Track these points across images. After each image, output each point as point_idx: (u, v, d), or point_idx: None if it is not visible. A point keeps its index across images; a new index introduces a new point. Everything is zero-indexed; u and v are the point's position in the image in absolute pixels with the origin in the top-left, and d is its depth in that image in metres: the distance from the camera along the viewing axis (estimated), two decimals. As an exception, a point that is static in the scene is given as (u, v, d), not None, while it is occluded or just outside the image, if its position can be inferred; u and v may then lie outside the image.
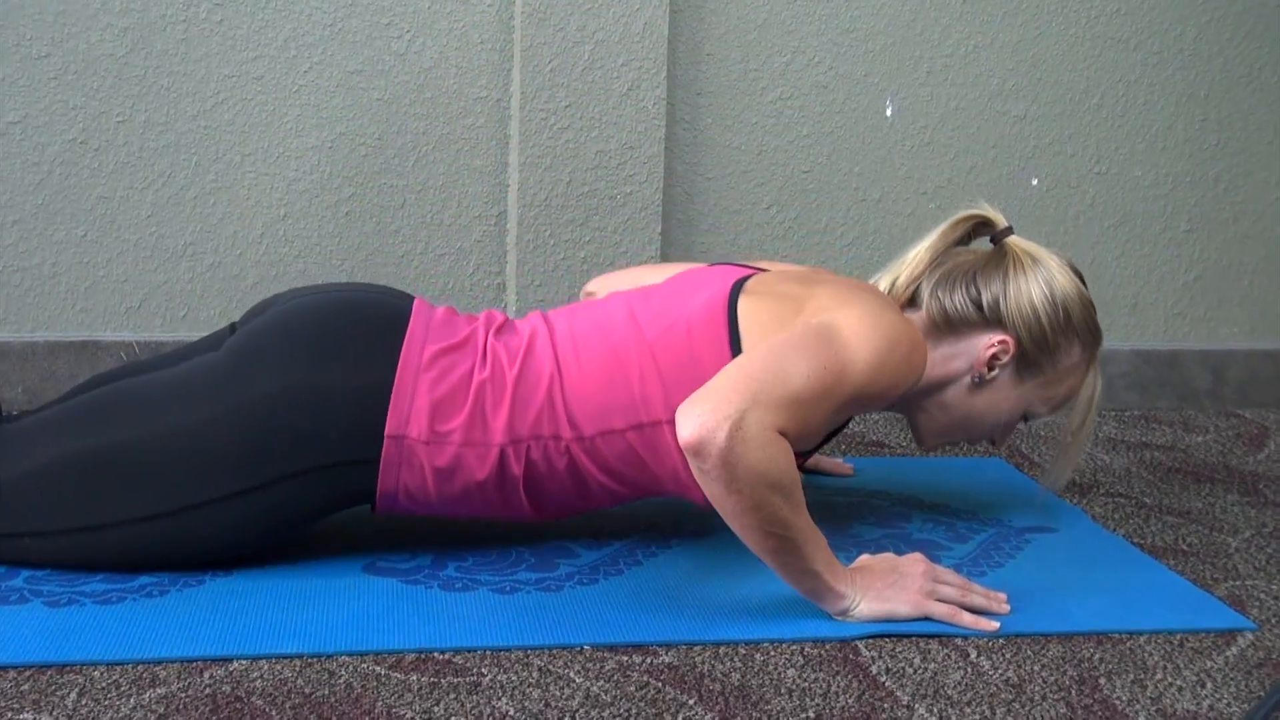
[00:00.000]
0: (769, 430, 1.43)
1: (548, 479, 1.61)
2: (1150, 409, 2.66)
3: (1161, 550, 1.84)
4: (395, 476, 1.57)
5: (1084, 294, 1.71)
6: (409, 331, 1.60)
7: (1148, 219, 2.65)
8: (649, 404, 1.58)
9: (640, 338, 1.61)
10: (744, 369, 1.46)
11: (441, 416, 1.57)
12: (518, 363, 1.60)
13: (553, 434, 1.59)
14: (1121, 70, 2.59)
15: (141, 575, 1.58)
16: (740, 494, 1.43)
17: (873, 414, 2.51)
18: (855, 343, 1.52)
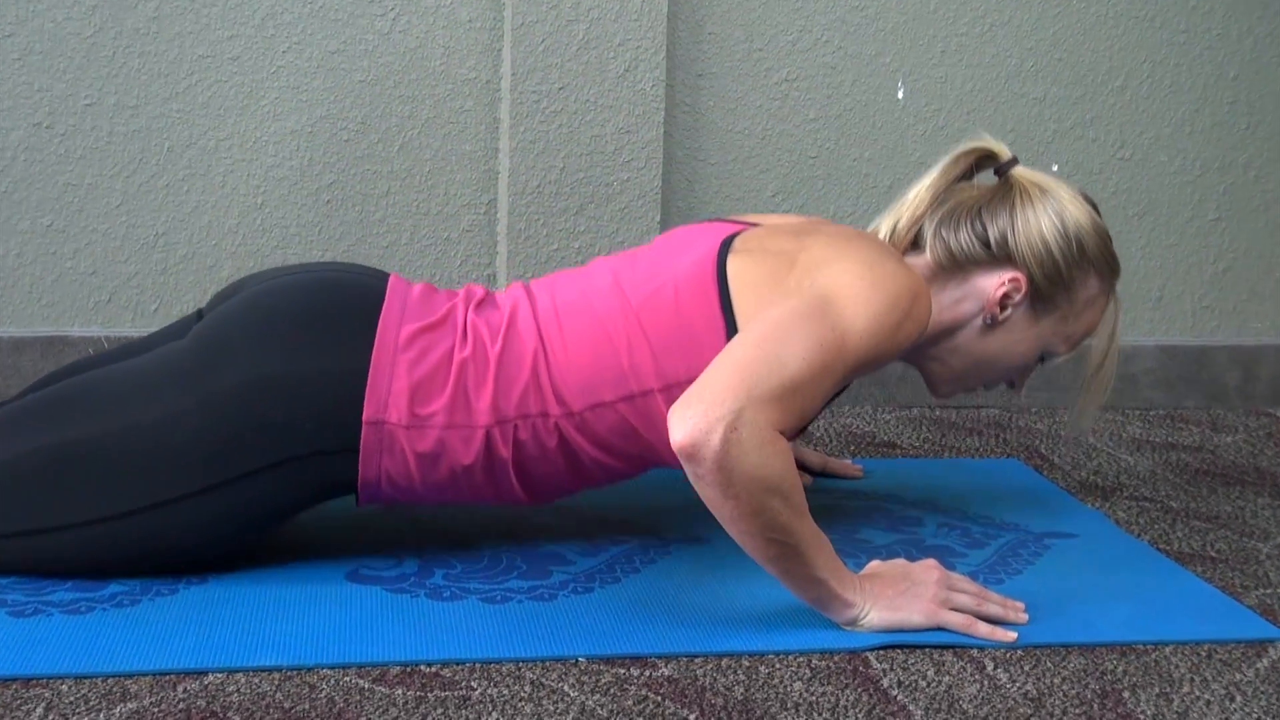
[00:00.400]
0: (766, 430, 1.43)
1: (538, 460, 1.62)
2: (1177, 408, 2.66)
3: (1188, 556, 1.84)
4: (376, 464, 1.58)
5: (1098, 223, 1.70)
6: (384, 311, 1.60)
7: (1174, 207, 2.65)
8: (639, 373, 1.59)
9: (626, 305, 1.61)
10: (736, 361, 1.45)
11: (422, 399, 1.57)
12: (500, 339, 1.60)
13: (540, 412, 1.59)
14: (1147, 50, 2.60)
15: (112, 583, 1.58)
16: (737, 499, 1.43)
17: (884, 411, 2.51)
18: (852, 309, 1.52)
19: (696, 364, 1.56)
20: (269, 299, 1.61)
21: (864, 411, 2.52)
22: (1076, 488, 2.12)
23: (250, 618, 1.51)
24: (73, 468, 1.53)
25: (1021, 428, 2.46)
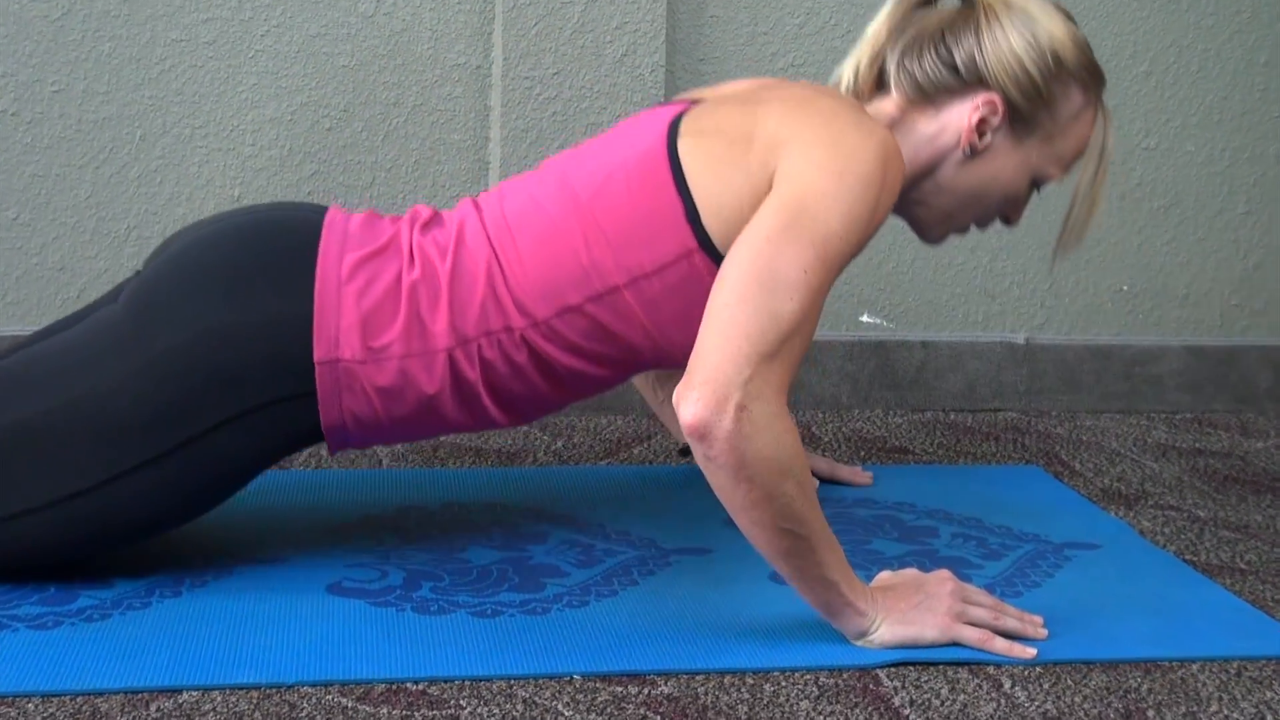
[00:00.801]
0: (776, 402, 1.43)
1: (510, 378, 1.62)
2: (1205, 411, 2.67)
3: (1217, 568, 1.84)
4: (337, 406, 1.58)
5: (1074, 32, 1.68)
6: (322, 243, 1.60)
7: (1202, 200, 2.66)
8: (601, 270, 1.58)
9: (576, 202, 1.60)
10: (730, 325, 1.44)
11: (374, 330, 1.57)
12: (449, 256, 1.60)
13: (504, 326, 1.59)
14: (1173, 34, 2.60)
15: (81, 596, 1.58)
16: (750, 483, 1.43)
17: (895, 414, 2.52)
18: (825, 211, 1.49)
19: (659, 252, 1.57)
20: (199, 250, 1.61)
21: (874, 415, 2.53)
22: (1099, 496, 2.12)
23: (226, 632, 1.52)
24: (16, 453, 1.53)
25: (1041, 432, 2.46)
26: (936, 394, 2.58)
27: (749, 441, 1.41)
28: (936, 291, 2.59)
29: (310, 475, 2.05)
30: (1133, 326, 2.66)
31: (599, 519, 1.90)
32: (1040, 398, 2.62)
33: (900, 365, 2.56)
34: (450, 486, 2.01)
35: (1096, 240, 2.62)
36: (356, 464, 2.12)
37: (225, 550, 1.73)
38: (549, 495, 1.99)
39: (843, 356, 2.54)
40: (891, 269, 2.56)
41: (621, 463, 2.20)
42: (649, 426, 2.38)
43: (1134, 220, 2.63)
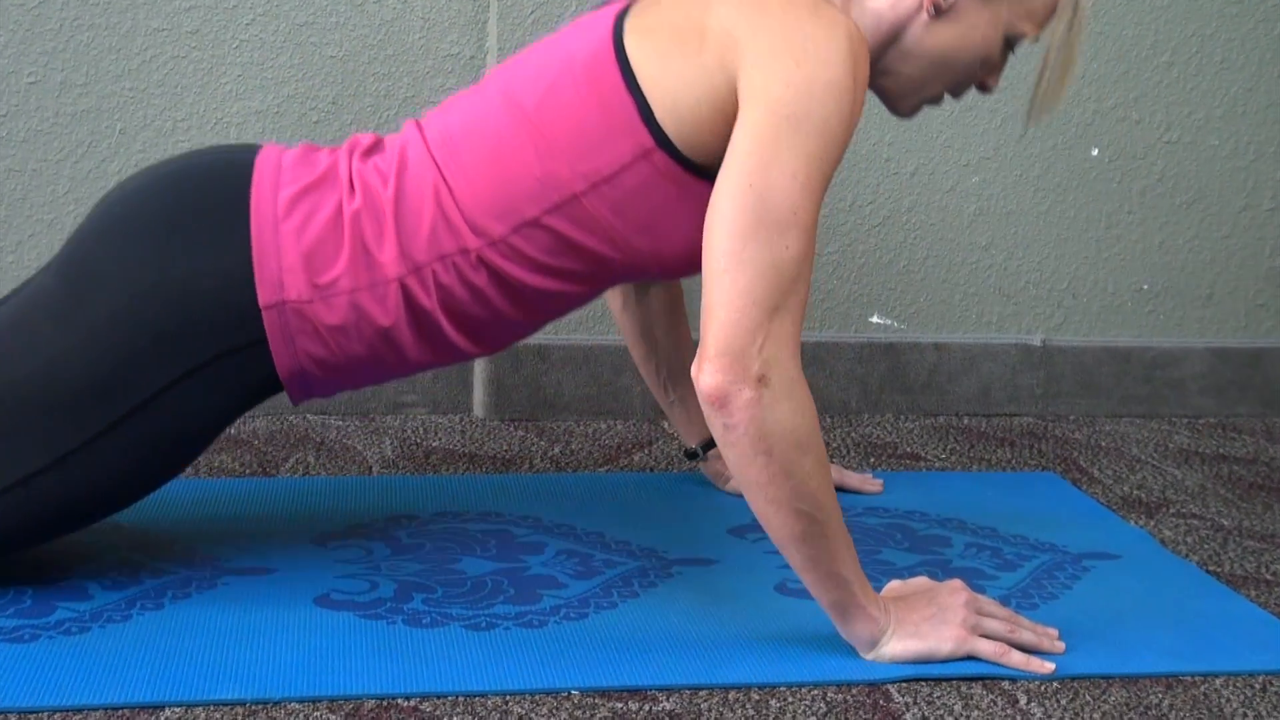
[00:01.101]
0: (792, 365, 1.46)
1: (471, 303, 1.61)
2: (1229, 416, 2.67)
3: (1241, 580, 1.84)
4: (291, 351, 1.58)
5: None
6: (255, 181, 1.59)
7: (1226, 195, 2.66)
8: (557, 181, 1.57)
9: (521, 114, 1.59)
10: (737, 292, 1.45)
11: (319, 266, 1.57)
12: (392, 182, 1.59)
13: (458, 249, 1.59)
14: (1195, 23, 2.60)
15: (59, 608, 1.58)
16: (769, 454, 1.44)
17: (906, 419, 2.52)
18: (803, 138, 1.48)
19: (615, 155, 1.56)
20: (126, 205, 1.61)
21: (884, 420, 2.53)
22: (1118, 504, 2.12)
23: (210, 646, 1.52)
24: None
25: (1058, 438, 2.46)
26: (949, 398, 2.58)
27: (769, 410, 1.44)
28: (949, 291, 2.59)
29: (298, 483, 2.05)
30: (1154, 327, 2.66)
31: (598, 528, 1.90)
32: (1057, 402, 2.62)
33: (912, 368, 2.57)
34: (443, 494, 2.01)
35: (1116, 238, 2.62)
36: (346, 471, 2.12)
37: (209, 561, 1.73)
38: (546, 503, 1.99)
39: (852, 359, 2.54)
40: (903, 267, 2.57)
41: (621, 469, 2.20)
42: (650, 432, 2.38)
43: (1155, 217, 2.64)
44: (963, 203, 2.57)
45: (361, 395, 2.40)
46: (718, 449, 2.03)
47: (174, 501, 1.92)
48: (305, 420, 2.36)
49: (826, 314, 2.55)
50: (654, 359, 2.03)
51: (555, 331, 2.42)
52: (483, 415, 2.44)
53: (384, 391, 2.41)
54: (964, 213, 2.58)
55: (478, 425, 2.39)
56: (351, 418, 2.39)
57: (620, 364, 2.44)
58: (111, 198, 1.64)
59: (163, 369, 1.55)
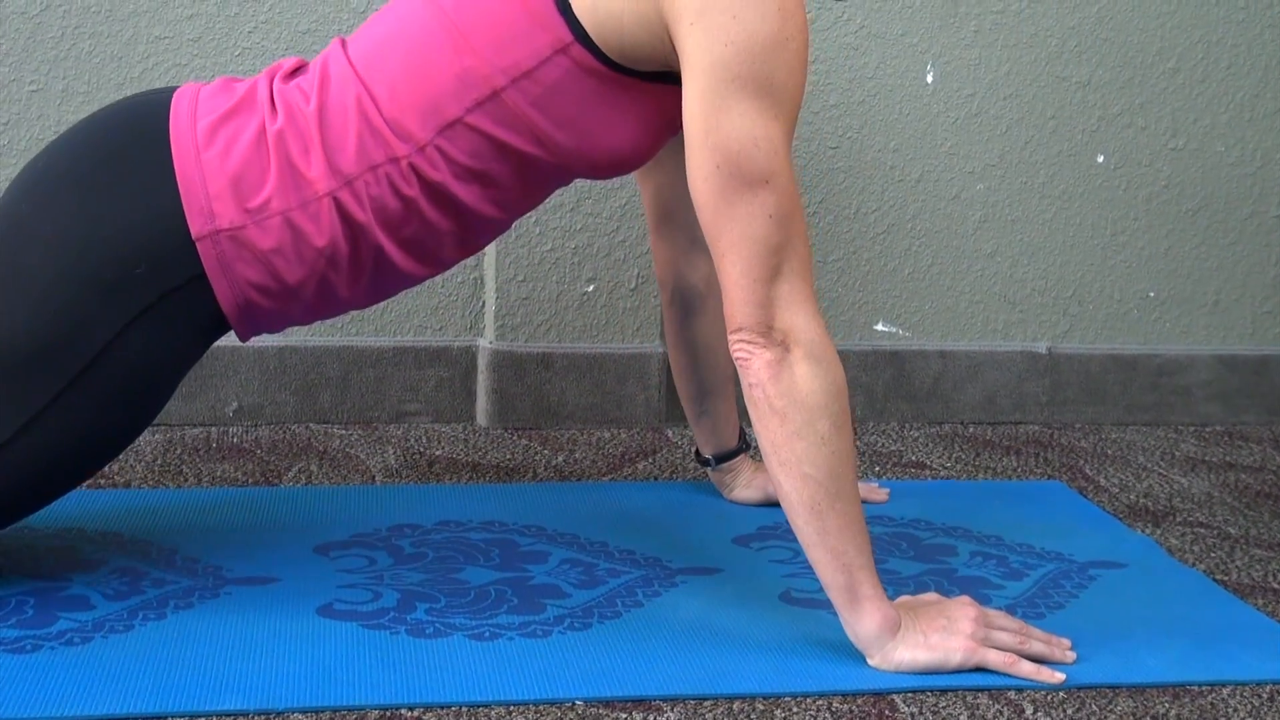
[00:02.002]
0: (811, 322, 1.51)
1: (406, 216, 1.61)
2: (1236, 424, 2.67)
3: (1248, 588, 1.84)
4: (230, 281, 1.58)
5: None
6: (172, 116, 1.59)
7: (1232, 202, 2.66)
8: (476, 77, 1.57)
9: (440, 11, 1.59)
10: (736, 272, 1.50)
11: (248, 190, 1.57)
12: (314, 97, 1.59)
13: (387, 158, 1.58)
14: (1202, 29, 2.60)
15: (61, 619, 1.58)
16: (783, 415, 1.49)
17: (911, 427, 2.52)
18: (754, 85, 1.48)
19: (533, 49, 1.56)
20: (46, 160, 1.61)
21: (889, 428, 2.53)
22: (1125, 512, 2.12)
23: (212, 657, 1.52)
24: None
25: (1064, 446, 2.46)
26: (955, 406, 2.58)
27: (787, 371, 1.49)
28: (955, 298, 2.59)
29: (300, 492, 2.05)
30: (1160, 335, 2.66)
31: (602, 537, 1.90)
32: (1063, 409, 2.62)
33: (917, 376, 2.57)
34: (446, 503, 2.01)
35: (1122, 245, 2.62)
36: (349, 480, 2.13)
37: (212, 570, 1.73)
38: (549, 512, 1.99)
39: (856, 367, 2.54)
40: (907, 275, 2.57)
41: (625, 478, 2.20)
42: (654, 440, 2.38)
43: (1161, 224, 2.64)
44: (967, 210, 2.57)
45: (364, 404, 2.40)
46: (729, 462, 2.04)
47: (176, 511, 1.92)
48: (308, 429, 2.37)
49: (831, 321, 2.55)
50: (694, 372, 2.03)
51: (559, 340, 2.43)
52: (486, 424, 2.44)
53: (387, 400, 2.41)
54: (969, 220, 2.58)
55: (481, 434, 2.39)
56: (354, 427, 2.39)
57: (624, 372, 2.45)
58: (35, 160, 1.64)
59: (110, 317, 1.55)
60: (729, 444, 2.05)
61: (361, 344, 2.40)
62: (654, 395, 2.46)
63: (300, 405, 2.39)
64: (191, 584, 1.70)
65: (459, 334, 2.45)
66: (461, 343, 2.44)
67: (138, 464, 2.14)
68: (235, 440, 2.29)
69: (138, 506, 1.94)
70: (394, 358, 2.41)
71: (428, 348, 2.43)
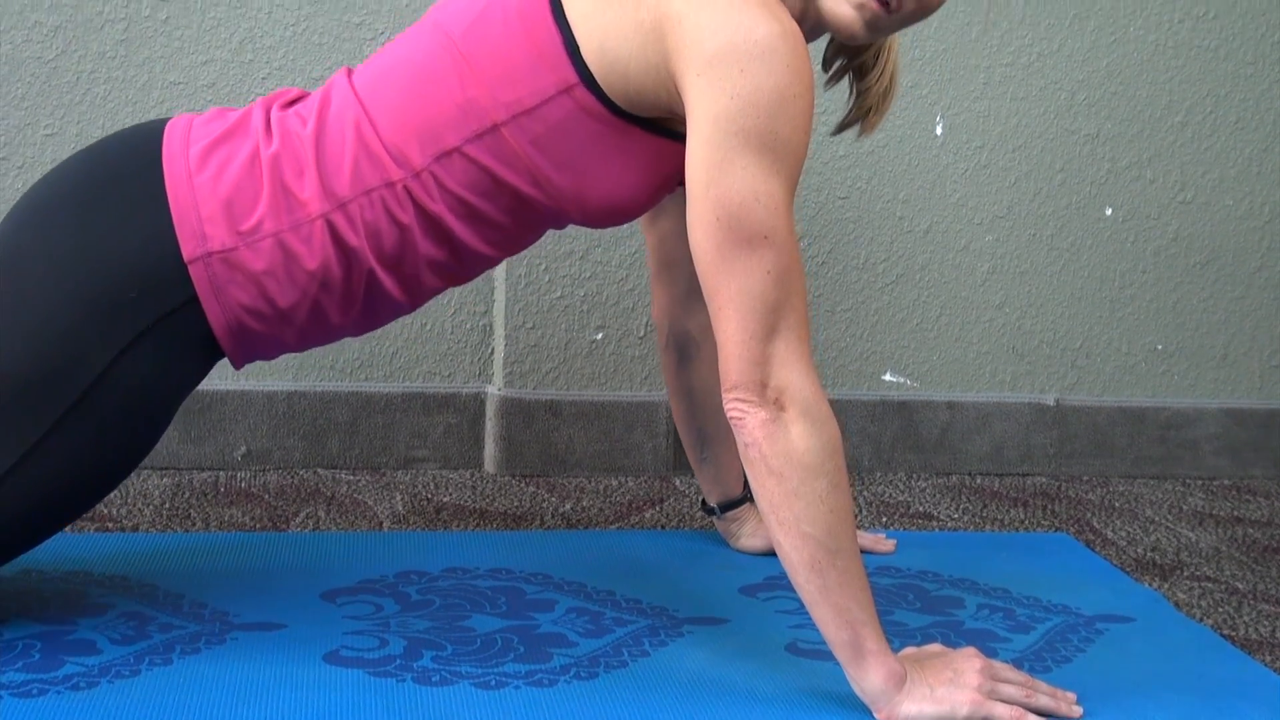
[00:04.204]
0: (807, 383, 1.49)
1: (400, 244, 1.61)
2: (1244, 478, 2.66)
3: (1256, 644, 1.84)
4: (222, 304, 1.58)
5: None
6: (165, 142, 1.61)
7: (1240, 256, 2.66)
8: (478, 109, 1.58)
9: (448, 41, 1.60)
10: (733, 329, 1.49)
11: (240, 212, 1.57)
12: (312, 122, 1.60)
13: (383, 182, 1.59)
14: (1210, 83, 2.61)
15: (67, 663, 1.58)
16: (780, 475, 1.48)
17: (919, 478, 2.52)
18: (758, 141, 1.49)
19: (537, 87, 1.56)
20: (41, 191, 1.62)
21: (897, 479, 2.53)
22: (1132, 566, 2.12)
23: (218, 703, 1.52)
24: None
25: (1072, 498, 2.46)
26: (962, 457, 2.58)
27: (783, 430, 1.48)
28: (963, 350, 2.59)
29: (307, 537, 2.05)
30: (1168, 388, 2.66)
31: (609, 586, 1.90)
32: (1071, 462, 2.62)
33: (924, 426, 2.57)
34: (453, 550, 2.01)
35: (1130, 297, 2.63)
36: (356, 526, 2.13)
37: (219, 616, 1.73)
38: (557, 560, 1.99)
39: (864, 417, 2.54)
40: (916, 325, 2.57)
41: (633, 527, 2.20)
42: (661, 489, 2.38)
43: (1169, 277, 2.64)
44: (976, 261, 2.58)
45: (373, 450, 2.40)
46: (734, 511, 2.04)
47: (183, 555, 1.92)
48: (316, 475, 2.37)
49: (839, 371, 2.56)
50: (693, 419, 2.03)
51: (567, 387, 2.43)
52: (494, 471, 2.44)
53: (395, 446, 2.41)
54: (977, 271, 2.59)
55: (489, 481, 2.39)
56: (362, 472, 2.39)
57: (632, 420, 2.45)
58: (32, 189, 1.65)
59: (107, 342, 1.55)
60: (733, 492, 2.05)
61: (370, 389, 2.41)
62: (661, 444, 2.46)
63: (309, 450, 2.40)
64: (198, 629, 1.70)
65: (468, 380, 2.46)
66: (470, 389, 2.45)
67: (145, 508, 2.15)
68: (243, 485, 2.29)
69: (145, 550, 1.94)
70: (403, 403, 2.42)
71: (436, 394, 2.43)
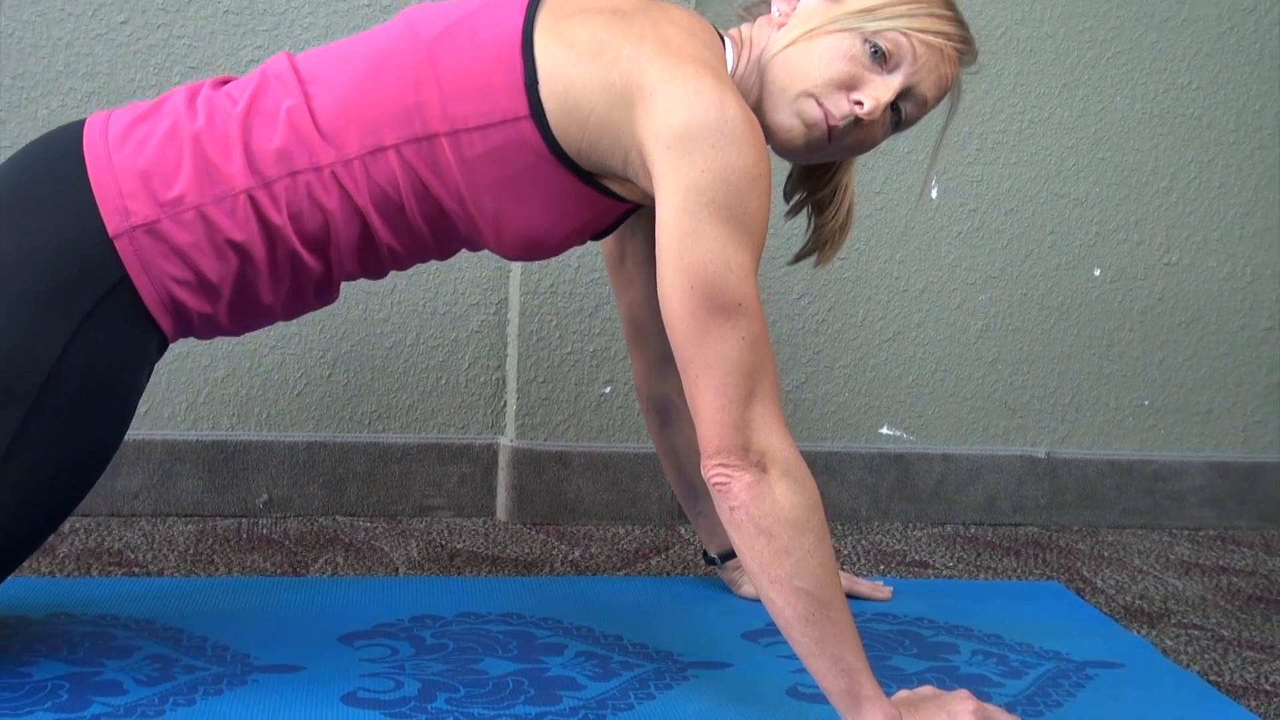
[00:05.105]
0: (784, 445, 1.49)
1: (321, 228, 1.59)
2: (1228, 528, 2.66)
3: (1241, 690, 1.83)
4: (151, 277, 1.56)
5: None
6: (85, 131, 1.60)
7: (1224, 315, 2.67)
8: (424, 114, 1.57)
9: (417, 39, 1.59)
10: (711, 397, 1.49)
11: (160, 183, 1.56)
12: (243, 100, 1.59)
13: (310, 165, 1.57)
14: (1194, 150, 2.62)
15: (94, 704, 1.58)
16: (769, 535, 1.48)
17: (915, 528, 2.51)
18: (728, 214, 1.49)
19: (486, 109, 1.56)
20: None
21: (894, 528, 2.53)
22: (1121, 613, 2.11)
23: (240, 742, 1.52)
24: None
25: (1062, 548, 2.46)
26: (957, 507, 2.58)
27: (767, 491, 1.48)
28: (957, 404, 2.60)
29: (325, 582, 2.05)
30: (1155, 442, 2.66)
31: (616, 630, 1.89)
32: (1062, 512, 2.61)
33: (920, 478, 2.57)
34: (466, 596, 2.01)
35: (1118, 355, 2.63)
36: (373, 571, 2.13)
37: (240, 658, 1.73)
38: (566, 605, 1.99)
39: (862, 468, 2.54)
40: (912, 381, 2.58)
41: (639, 574, 2.20)
42: (667, 537, 2.38)
43: (1155, 335, 2.65)
44: (969, 319, 2.59)
45: (389, 498, 2.40)
46: (736, 559, 2.04)
47: (207, 599, 1.92)
48: (335, 522, 2.37)
49: (838, 425, 2.56)
50: (682, 475, 2.03)
51: (576, 438, 2.43)
52: (506, 519, 2.44)
53: (411, 495, 2.41)
54: (971, 329, 2.59)
55: (501, 528, 2.39)
56: (379, 520, 2.39)
57: (639, 470, 2.45)
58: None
59: (56, 332, 1.53)
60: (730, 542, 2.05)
61: (388, 440, 2.41)
62: (667, 493, 2.46)
63: (328, 498, 2.40)
64: (221, 671, 1.70)
65: (481, 432, 2.46)
66: (483, 440, 2.45)
67: (170, 553, 2.15)
68: (265, 531, 2.29)
69: (170, 594, 1.94)
70: (418, 454, 2.42)
71: (451, 445, 2.43)
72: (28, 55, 2.25)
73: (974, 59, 1.71)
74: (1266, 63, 2.62)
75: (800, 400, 2.54)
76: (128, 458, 2.31)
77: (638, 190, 1.62)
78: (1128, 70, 2.58)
